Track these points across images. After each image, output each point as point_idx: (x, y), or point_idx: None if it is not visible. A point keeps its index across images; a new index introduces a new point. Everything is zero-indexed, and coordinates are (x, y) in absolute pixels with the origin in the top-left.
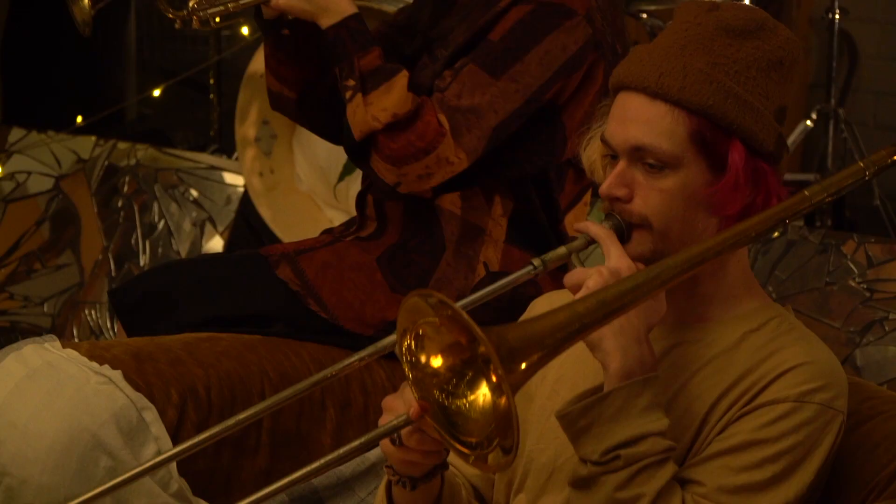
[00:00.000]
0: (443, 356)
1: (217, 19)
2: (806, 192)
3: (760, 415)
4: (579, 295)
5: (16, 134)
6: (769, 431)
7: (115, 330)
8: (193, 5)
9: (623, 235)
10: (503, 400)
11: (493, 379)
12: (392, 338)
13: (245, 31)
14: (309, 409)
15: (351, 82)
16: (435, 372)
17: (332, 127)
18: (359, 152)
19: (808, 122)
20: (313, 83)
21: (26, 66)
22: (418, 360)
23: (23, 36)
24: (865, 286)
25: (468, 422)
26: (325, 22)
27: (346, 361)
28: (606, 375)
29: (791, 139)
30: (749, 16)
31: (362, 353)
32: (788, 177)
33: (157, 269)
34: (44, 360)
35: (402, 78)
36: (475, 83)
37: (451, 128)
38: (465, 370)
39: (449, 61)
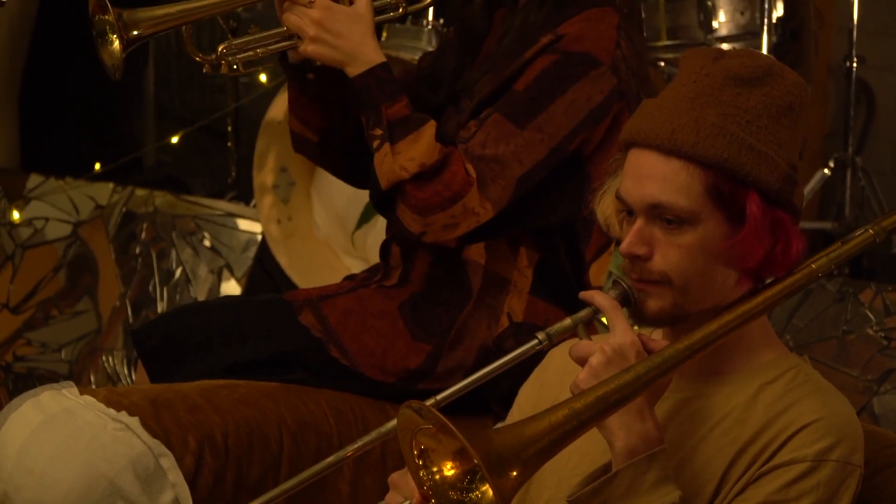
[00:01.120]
0: (452, 464)
1: (246, 64)
2: (813, 266)
3: (779, 475)
4: (582, 375)
5: (34, 180)
6: (788, 492)
7: (135, 371)
8: (222, 50)
9: (630, 302)
10: None
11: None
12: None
13: (263, 78)
14: (327, 456)
15: (378, 131)
16: (446, 479)
17: (353, 170)
18: (384, 201)
19: (826, 171)
20: (336, 127)
21: (44, 113)
22: (430, 472)
23: (41, 82)
24: (883, 334)
25: None
26: (353, 70)
27: (361, 442)
28: (612, 454)
29: (808, 188)
30: (755, 63)
31: (373, 436)
32: (806, 225)
33: (179, 311)
34: (61, 406)
35: (430, 128)
36: (500, 133)
37: (476, 177)
38: (475, 468)
39: (474, 112)
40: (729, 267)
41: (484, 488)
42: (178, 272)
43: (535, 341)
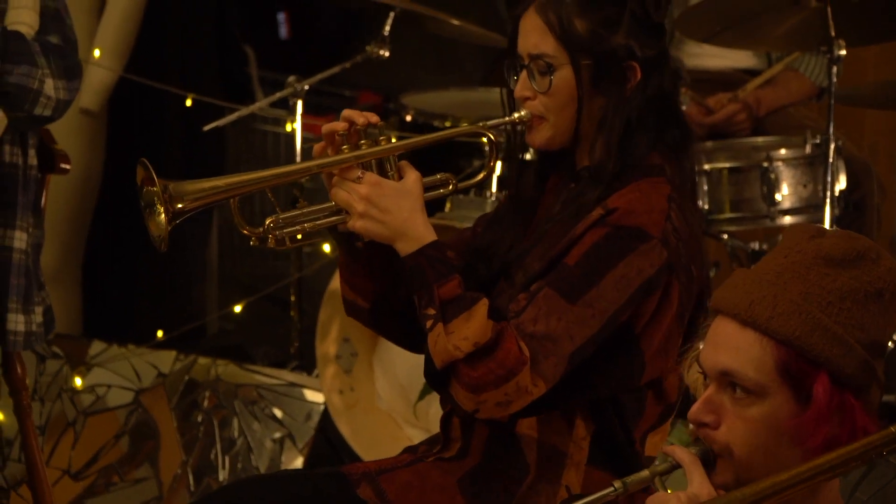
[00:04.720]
0: None
1: (293, 239)
2: (892, 429)
3: None
4: None
5: (96, 347)
6: None
7: None
8: (269, 224)
9: (709, 462)
10: None
11: None
12: None
13: (326, 248)
14: None
15: (431, 311)
16: None
17: (406, 334)
18: (438, 378)
19: (891, 344)
20: (387, 293)
21: (107, 280)
22: None
23: (104, 249)
24: None
25: None
26: (402, 247)
27: None
28: None
29: None
30: (850, 245)
31: None
32: None
33: (238, 485)
34: None
35: (483, 306)
36: (550, 308)
37: (529, 355)
38: None
39: (524, 285)
40: (794, 445)
41: None
42: (240, 441)
43: (611, 489)
